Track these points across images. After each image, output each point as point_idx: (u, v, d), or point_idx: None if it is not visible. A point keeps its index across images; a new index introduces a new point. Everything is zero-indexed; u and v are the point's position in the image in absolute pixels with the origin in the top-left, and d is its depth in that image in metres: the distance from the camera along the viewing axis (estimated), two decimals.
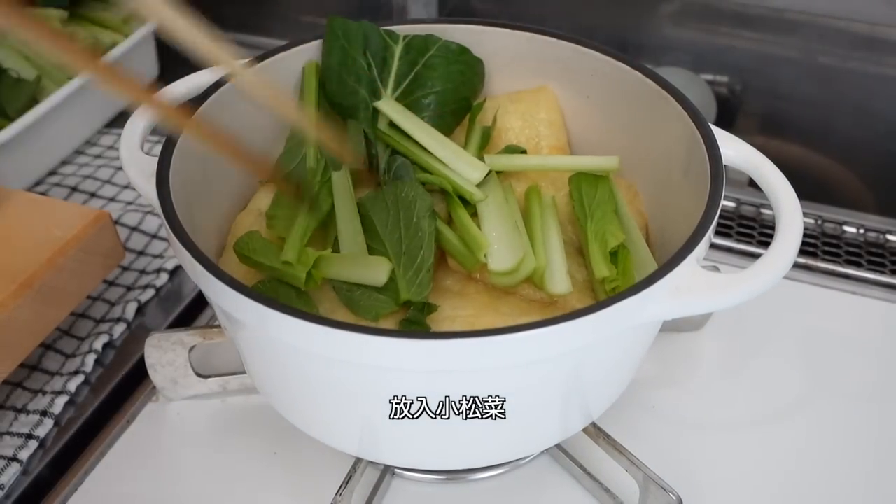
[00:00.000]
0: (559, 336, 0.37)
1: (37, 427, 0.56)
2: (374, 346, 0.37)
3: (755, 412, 0.57)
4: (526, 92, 0.58)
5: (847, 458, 0.54)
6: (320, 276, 0.46)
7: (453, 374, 0.40)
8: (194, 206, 0.48)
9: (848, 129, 0.85)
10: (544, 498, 0.51)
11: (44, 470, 0.55)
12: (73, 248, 0.55)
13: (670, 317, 0.40)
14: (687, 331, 0.61)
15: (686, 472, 0.52)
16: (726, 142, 0.47)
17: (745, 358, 0.60)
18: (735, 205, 0.75)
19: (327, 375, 0.42)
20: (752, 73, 0.87)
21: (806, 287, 0.66)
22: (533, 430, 0.46)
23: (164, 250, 0.70)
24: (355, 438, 0.47)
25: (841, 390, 0.58)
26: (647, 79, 0.52)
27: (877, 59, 0.81)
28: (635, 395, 0.56)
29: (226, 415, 0.57)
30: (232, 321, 0.43)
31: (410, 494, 0.52)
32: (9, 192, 0.59)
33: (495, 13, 0.94)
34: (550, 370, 0.41)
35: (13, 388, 0.59)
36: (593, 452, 0.51)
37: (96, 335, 0.62)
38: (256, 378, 0.50)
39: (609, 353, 0.44)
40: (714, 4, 0.85)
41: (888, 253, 0.70)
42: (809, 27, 0.82)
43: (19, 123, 0.72)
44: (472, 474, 0.52)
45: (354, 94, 0.55)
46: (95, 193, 0.76)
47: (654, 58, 0.87)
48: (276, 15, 0.98)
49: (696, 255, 0.40)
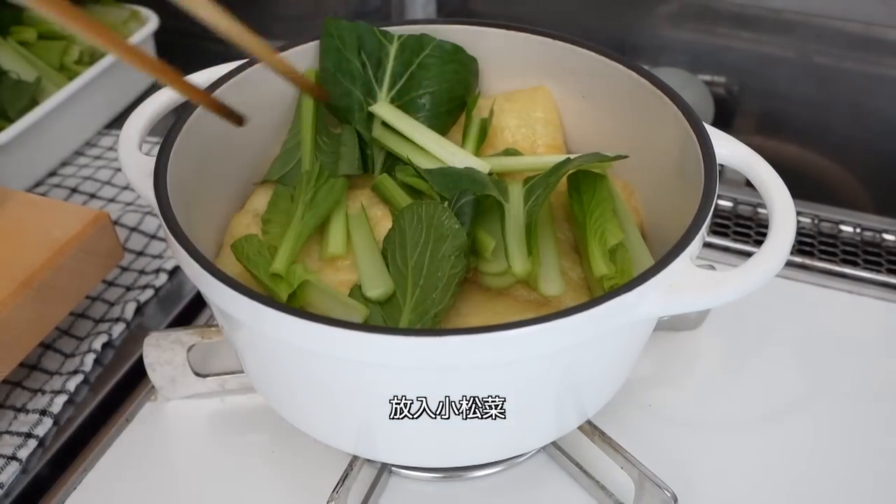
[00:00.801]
0: (554, 333, 0.38)
1: (36, 426, 0.56)
2: (371, 344, 0.37)
3: (751, 411, 0.57)
4: (522, 91, 0.58)
5: (843, 456, 0.54)
6: (303, 299, 0.46)
7: (450, 371, 0.40)
8: (192, 206, 0.49)
9: (845, 129, 0.85)
10: (541, 495, 0.52)
11: (43, 468, 0.55)
12: (72, 248, 0.56)
13: (664, 314, 0.41)
14: (683, 330, 0.61)
15: (681, 469, 0.52)
16: (720, 141, 0.48)
17: (741, 357, 0.60)
18: (732, 204, 0.75)
19: (324, 374, 0.42)
20: (750, 73, 0.87)
21: (802, 286, 0.66)
22: (529, 428, 0.47)
23: (164, 251, 0.70)
24: (352, 437, 0.47)
25: (837, 389, 0.58)
26: (643, 79, 0.52)
27: (873, 58, 0.81)
28: (631, 393, 0.56)
29: (224, 414, 0.57)
30: (229, 320, 0.44)
31: (407, 492, 0.52)
32: (9, 192, 0.60)
33: (493, 14, 0.94)
34: (546, 367, 0.41)
35: (13, 387, 0.59)
36: (589, 450, 0.51)
37: (95, 335, 0.62)
38: (254, 377, 0.50)
39: (604, 350, 0.44)
40: (711, 5, 0.85)
41: (885, 252, 0.71)
42: (806, 27, 0.82)
43: (19, 124, 0.72)
44: (468, 472, 0.52)
45: (349, 95, 0.55)
46: (95, 194, 0.77)
47: (652, 58, 0.88)
48: (277, 15, 0.99)
49: (689, 253, 0.41)
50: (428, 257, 0.45)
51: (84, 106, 0.80)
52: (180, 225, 0.43)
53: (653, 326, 0.46)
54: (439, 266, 0.45)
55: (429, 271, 0.45)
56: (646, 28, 0.89)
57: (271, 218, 0.51)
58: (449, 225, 0.46)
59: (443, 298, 0.45)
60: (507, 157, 0.54)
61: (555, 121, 0.57)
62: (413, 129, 0.54)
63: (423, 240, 0.46)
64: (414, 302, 0.45)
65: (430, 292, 0.45)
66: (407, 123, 0.54)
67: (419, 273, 0.45)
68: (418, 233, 0.46)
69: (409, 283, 0.45)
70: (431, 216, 0.46)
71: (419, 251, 0.46)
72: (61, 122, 0.77)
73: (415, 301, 0.45)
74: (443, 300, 0.45)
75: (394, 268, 0.47)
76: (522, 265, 0.46)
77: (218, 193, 0.53)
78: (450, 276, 0.45)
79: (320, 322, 0.38)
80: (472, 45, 0.57)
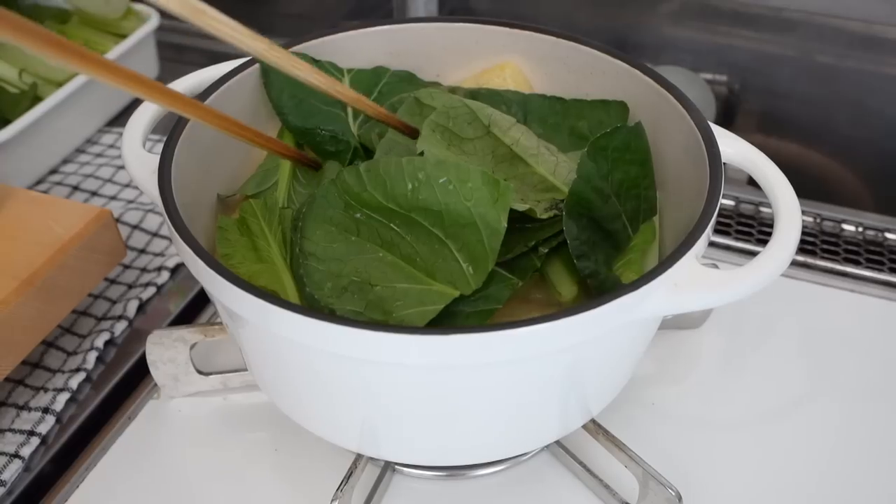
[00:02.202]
0: (561, 331, 0.38)
1: (39, 424, 0.56)
2: (377, 342, 0.37)
3: (754, 409, 0.57)
4: (490, 69, 0.58)
5: (845, 455, 0.54)
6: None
7: (454, 369, 0.40)
8: (195, 202, 0.48)
9: (847, 128, 0.85)
10: (544, 494, 0.52)
11: (45, 466, 0.55)
12: (74, 245, 0.56)
13: (669, 313, 0.41)
14: (686, 328, 0.62)
15: (685, 468, 0.52)
16: (725, 139, 0.48)
17: (744, 355, 0.60)
18: (734, 203, 0.75)
19: (329, 371, 0.42)
20: (751, 71, 0.87)
21: (805, 285, 0.66)
22: (533, 427, 0.47)
23: (166, 248, 0.70)
24: (356, 435, 0.47)
25: (839, 388, 0.58)
26: (647, 77, 0.52)
27: (875, 57, 0.81)
28: (635, 392, 0.56)
29: (227, 412, 0.57)
30: (234, 317, 0.44)
31: (411, 491, 0.52)
32: (11, 190, 0.60)
33: (495, 11, 0.94)
34: (551, 366, 0.41)
35: (15, 385, 0.59)
36: (593, 449, 0.52)
37: (98, 333, 0.62)
38: (258, 375, 0.50)
39: (608, 349, 0.44)
40: (713, 3, 0.85)
41: (887, 251, 0.71)
42: (808, 26, 0.82)
43: (20, 122, 0.72)
44: (472, 471, 0.52)
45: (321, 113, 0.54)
46: (97, 192, 0.77)
47: (654, 57, 0.88)
48: (278, 14, 0.99)
49: (695, 252, 0.40)
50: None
51: (85, 103, 0.80)
52: (185, 222, 0.43)
53: (657, 325, 0.46)
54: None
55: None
56: (647, 26, 0.89)
57: (231, 253, 0.49)
58: None
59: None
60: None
61: (525, 84, 0.57)
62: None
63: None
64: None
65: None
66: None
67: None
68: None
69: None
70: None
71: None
72: (62, 119, 0.77)
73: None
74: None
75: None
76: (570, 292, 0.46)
77: (222, 189, 0.53)
78: None
79: (326, 320, 0.38)
80: (472, 44, 0.57)
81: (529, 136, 0.51)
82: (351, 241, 0.45)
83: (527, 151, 0.49)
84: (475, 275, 0.43)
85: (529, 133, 0.51)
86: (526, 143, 0.50)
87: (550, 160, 0.49)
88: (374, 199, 0.45)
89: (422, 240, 0.44)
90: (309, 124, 0.53)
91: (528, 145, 0.50)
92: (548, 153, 0.50)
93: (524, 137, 0.50)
